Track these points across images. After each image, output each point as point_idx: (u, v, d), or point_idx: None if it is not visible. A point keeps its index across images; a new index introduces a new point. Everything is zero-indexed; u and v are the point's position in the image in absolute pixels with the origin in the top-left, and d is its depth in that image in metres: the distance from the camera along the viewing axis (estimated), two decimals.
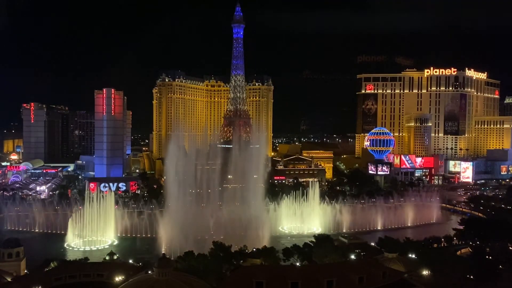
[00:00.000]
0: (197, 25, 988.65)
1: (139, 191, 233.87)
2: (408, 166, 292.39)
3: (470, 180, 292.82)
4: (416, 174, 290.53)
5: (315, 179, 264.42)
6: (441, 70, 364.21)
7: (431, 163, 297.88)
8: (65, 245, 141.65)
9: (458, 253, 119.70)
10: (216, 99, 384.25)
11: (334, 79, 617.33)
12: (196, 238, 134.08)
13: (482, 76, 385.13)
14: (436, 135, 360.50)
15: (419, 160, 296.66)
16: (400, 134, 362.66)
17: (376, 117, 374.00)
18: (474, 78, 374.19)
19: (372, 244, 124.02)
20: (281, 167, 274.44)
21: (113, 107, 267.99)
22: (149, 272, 76.31)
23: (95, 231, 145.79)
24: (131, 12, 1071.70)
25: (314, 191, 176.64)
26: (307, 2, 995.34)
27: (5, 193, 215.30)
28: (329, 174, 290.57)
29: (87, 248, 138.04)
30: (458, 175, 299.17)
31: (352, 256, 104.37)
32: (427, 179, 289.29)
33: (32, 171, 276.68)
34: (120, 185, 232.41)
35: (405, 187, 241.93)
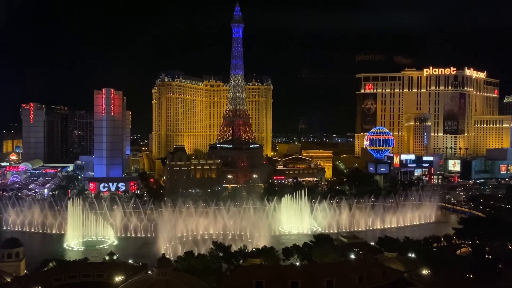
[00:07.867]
0: (196, 24, 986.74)
1: (138, 191, 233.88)
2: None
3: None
4: (416, 174, 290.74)
5: (315, 179, 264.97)
6: (440, 69, 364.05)
7: None
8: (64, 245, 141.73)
9: (458, 252, 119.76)
10: (215, 99, 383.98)
11: (333, 79, 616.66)
12: (195, 238, 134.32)
13: (482, 75, 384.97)
14: (436, 134, 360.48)
15: None
16: (400, 134, 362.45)
17: (375, 116, 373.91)
18: (473, 77, 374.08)
19: (372, 243, 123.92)
20: (281, 166, 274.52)
21: (112, 107, 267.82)
22: (149, 272, 76.40)
23: None
24: (130, 12, 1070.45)
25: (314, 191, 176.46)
26: (306, 2, 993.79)
27: (4, 193, 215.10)
28: (328, 174, 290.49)
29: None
30: (457, 175, 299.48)
31: (352, 256, 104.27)
32: (427, 179, 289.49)
33: (32, 171, 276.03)
34: (119, 185, 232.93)
35: (405, 186, 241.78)
